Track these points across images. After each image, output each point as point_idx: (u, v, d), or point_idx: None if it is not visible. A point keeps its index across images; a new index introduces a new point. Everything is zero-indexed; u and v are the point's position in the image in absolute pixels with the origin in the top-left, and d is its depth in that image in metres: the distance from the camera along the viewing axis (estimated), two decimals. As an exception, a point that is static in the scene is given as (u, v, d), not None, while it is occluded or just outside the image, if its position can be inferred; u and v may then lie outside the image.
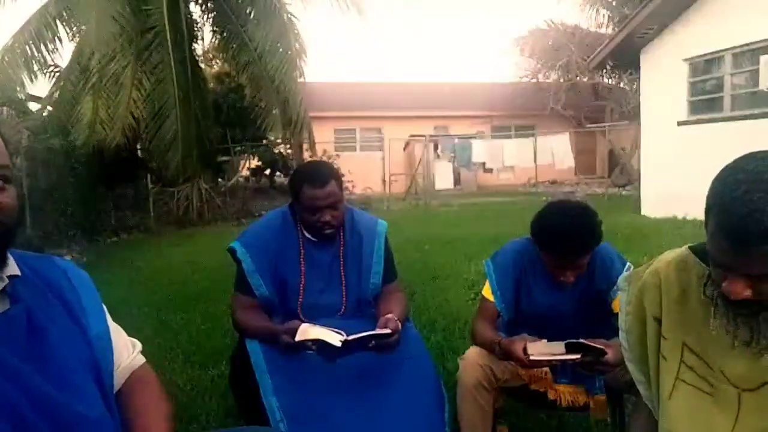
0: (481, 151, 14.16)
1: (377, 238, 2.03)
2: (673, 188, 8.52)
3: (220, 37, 11.34)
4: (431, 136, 15.82)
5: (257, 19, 10.66)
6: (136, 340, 1.20)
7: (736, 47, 8.14)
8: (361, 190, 14.13)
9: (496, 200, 13.75)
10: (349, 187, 13.16)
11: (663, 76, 9.26)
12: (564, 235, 1.74)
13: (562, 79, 18.33)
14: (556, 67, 18.13)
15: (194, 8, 11.47)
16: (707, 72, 8.80)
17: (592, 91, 18.67)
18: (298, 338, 1.68)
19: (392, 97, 19.30)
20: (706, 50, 8.52)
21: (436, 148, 16.25)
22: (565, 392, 1.91)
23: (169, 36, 9.68)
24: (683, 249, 1.19)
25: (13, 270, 0.91)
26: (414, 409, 1.73)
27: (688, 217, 8.19)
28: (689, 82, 8.95)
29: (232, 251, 1.97)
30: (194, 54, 11.46)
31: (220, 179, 13.72)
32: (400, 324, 1.78)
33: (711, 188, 0.97)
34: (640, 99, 10.28)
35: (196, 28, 11.52)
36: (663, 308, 1.16)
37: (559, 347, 1.66)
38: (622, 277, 1.30)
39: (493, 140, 15.47)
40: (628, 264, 1.91)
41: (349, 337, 1.64)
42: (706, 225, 0.98)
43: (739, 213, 0.89)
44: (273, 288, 1.93)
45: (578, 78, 17.94)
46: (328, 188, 1.87)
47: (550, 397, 1.90)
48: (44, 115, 10.77)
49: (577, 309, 1.91)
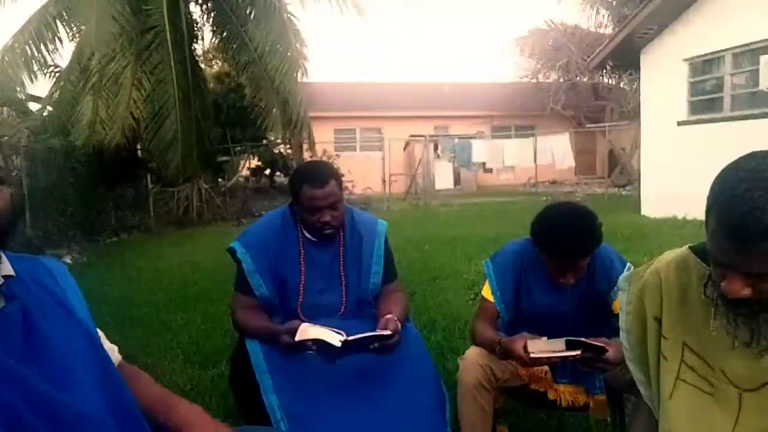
0: (481, 151, 14.16)
1: (377, 238, 2.03)
2: (673, 188, 8.52)
3: (220, 37, 11.33)
4: (431, 136, 15.82)
5: (257, 19, 10.66)
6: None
7: (736, 47, 8.14)
8: (361, 190, 14.13)
9: (496, 200, 13.76)
10: (349, 187, 13.15)
11: (663, 76, 9.26)
12: (564, 238, 1.74)
13: (562, 79, 18.33)
14: (556, 67, 18.13)
15: (194, 8, 11.50)
16: (707, 72, 8.80)
17: (592, 91, 18.67)
18: (298, 338, 1.68)
19: (392, 97, 19.30)
20: (706, 50, 8.52)
21: (436, 148, 16.24)
22: (565, 392, 1.90)
23: (169, 36, 9.68)
24: (683, 249, 1.18)
25: (7, 270, 0.92)
26: (414, 408, 1.72)
27: (688, 217, 8.19)
28: (689, 82, 8.95)
29: (232, 251, 1.97)
30: (194, 54, 11.46)
31: (220, 179, 13.72)
32: (400, 324, 1.78)
33: (712, 187, 0.97)
34: (640, 99, 10.28)
35: (196, 28, 11.52)
36: (663, 308, 1.16)
37: (560, 344, 1.66)
38: (623, 277, 1.30)
39: (493, 140, 15.47)
40: (629, 264, 1.91)
41: (349, 338, 1.64)
42: (707, 224, 0.98)
43: (740, 211, 0.89)
44: (273, 288, 1.93)
45: (578, 78, 17.94)
46: (328, 188, 1.87)
47: (550, 397, 1.90)
48: (44, 115, 10.77)
49: (577, 310, 1.91)
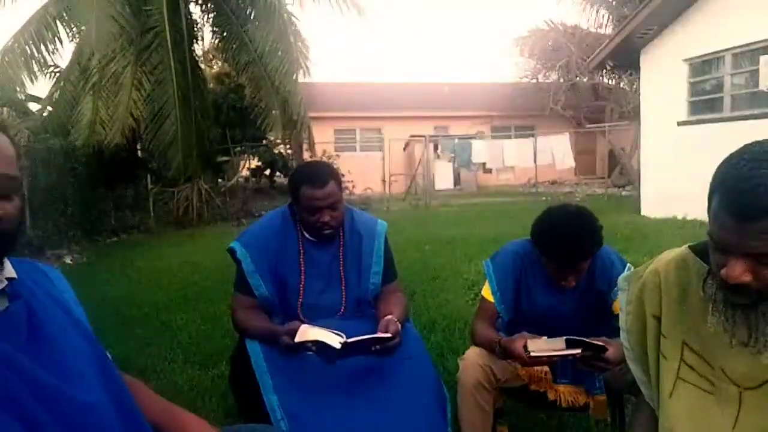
0: (481, 152, 14.14)
1: (377, 238, 2.03)
2: (673, 188, 8.52)
3: (220, 38, 11.33)
4: (431, 136, 15.80)
5: (257, 20, 10.66)
6: None
7: (736, 47, 8.13)
8: (361, 191, 14.13)
9: (496, 200, 13.76)
10: (349, 187, 13.15)
11: (663, 76, 9.26)
12: (566, 242, 1.73)
13: (561, 80, 18.30)
14: (556, 67, 18.10)
15: (194, 8, 11.49)
16: (707, 72, 8.80)
17: (592, 92, 18.64)
18: (297, 339, 1.68)
19: (392, 97, 19.30)
20: (706, 50, 8.52)
21: (436, 148, 16.24)
22: (565, 392, 1.90)
23: (169, 36, 9.68)
24: (683, 248, 1.18)
25: (9, 272, 0.95)
26: (414, 409, 1.72)
27: (688, 217, 8.19)
28: (689, 83, 8.95)
29: (232, 251, 1.97)
30: (194, 54, 11.45)
31: (220, 179, 13.72)
32: (400, 326, 1.78)
33: (716, 171, 0.98)
34: (640, 99, 10.28)
35: (196, 29, 11.52)
36: (663, 307, 1.16)
37: (560, 344, 1.66)
38: (622, 277, 1.29)
39: (493, 140, 15.45)
40: (629, 265, 1.90)
41: (349, 340, 1.64)
42: (709, 206, 0.98)
43: (744, 187, 0.90)
44: (273, 288, 1.93)
45: (578, 78, 17.91)
46: (327, 189, 1.87)
47: (550, 397, 1.90)
48: (44, 115, 10.77)
49: (578, 310, 1.91)
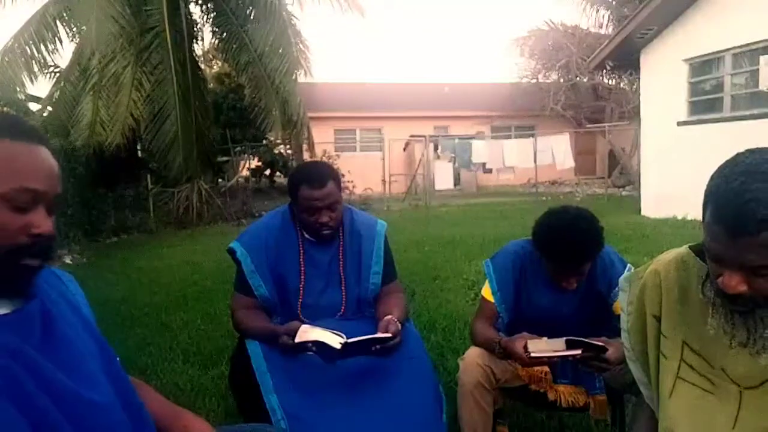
0: (481, 152, 14.14)
1: (377, 238, 2.03)
2: (673, 188, 8.52)
3: (220, 38, 11.33)
4: (431, 136, 15.80)
5: (257, 19, 10.66)
6: None
7: (736, 47, 8.14)
8: (361, 191, 14.12)
9: (496, 200, 13.75)
10: (349, 187, 13.15)
11: (663, 76, 9.26)
12: (567, 244, 1.72)
13: (562, 80, 18.30)
14: (556, 67, 18.10)
15: (194, 8, 11.49)
16: (707, 72, 8.80)
17: (592, 92, 18.64)
18: (297, 339, 1.68)
19: (392, 97, 19.30)
20: (706, 50, 8.52)
21: (436, 149, 16.23)
22: (565, 392, 1.90)
23: (169, 36, 9.68)
24: (683, 249, 1.18)
25: None
26: (413, 409, 1.72)
27: (688, 217, 8.19)
28: (689, 83, 8.95)
29: (232, 252, 1.96)
30: (194, 54, 11.45)
31: (220, 179, 13.72)
32: (400, 326, 1.78)
33: (709, 181, 0.98)
34: (640, 99, 10.28)
35: (196, 29, 11.52)
36: (663, 307, 1.16)
37: (560, 344, 1.66)
38: (623, 277, 1.29)
39: (493, 140, 15.44)
40: (629, 265, 1.90)
41: (349, 340, 1.64)
42: (704, 217, 0.98)
43: (736, 202, 0.90)
44: (273, 288, 1.93)
45: (578, 78, 17.91)
46: (326, 189, 1.86)
47: (550, 397, 1.90)
48: (44, 115, 10.76)
49: (578, 311, 1.91)
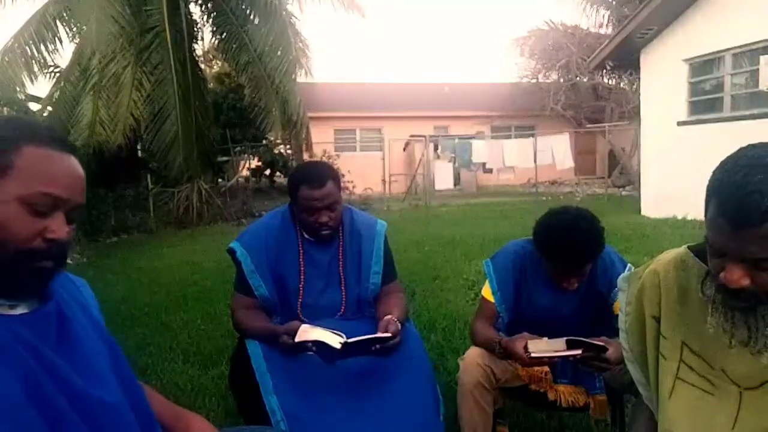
0: (481, 152, 14.13)
1: (377, 238, 2.02)
2: (673, 188, 8.52)
3: (220, 38, 11.33)
4: (431, 136, 15.80)
5: (257, 19, 10.66)
6: None
7: (736, 47, 8.13)
8: (361, 191, 14.12)
9: (496, 200, 13.75)
10: (349, 187, 13.15)
11: (663, 76, 9.26)
12: (568, 245, 1.72)
13: (562, 80, 18.30)
14: (556, 67, 18.10)
15: (194, 8, 11.49)
16: (707, 72, 8.80)
17: (592, 92, 18.63)
18: (298, 339, 1.68)
19: (392, 97, 19.30)
20: (706, 50, 8.52)
21: (436, 148, 16.23)
22: (565, 392, 1.90)
23: (169, 36, 9.68)
24: (682, 249, 1.18)
25: None
26: (413, 409, 1.72)
27: (688, 217, 8.19)
28: (689, 83, 8.95)
29: (232, 252, 1.96)
30: (194, 54, 11.45)
31: (220, 179, 13.72)
32: (400, 325, 1.78)
33: (711, 176, 0.98)
34: (640, 99, 10.28)
35: (196, 29, 11.52)
36: (662, 308, 1.16)
37: (560, 344, 1.66)
38: (622, 277, 1.29)
39: (493, 140, 15.43)
40: (629, 265, 1.90)
41: (349, 340, 1.64)
42: (706, 211, 0.98)
43: (739, 194, 0.90)
44: (273, 288, 1.92)
45: (578, 78, 17.90)
46: (326, 189, 1.86)
47: (550, 397, 1.90)
48: (44, 115, 10.76)
49: (578, 311, 1.91)
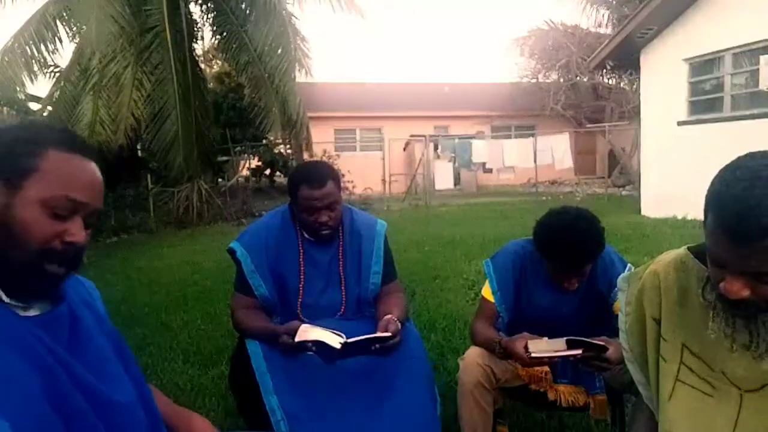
0: (481, 151, 14.13)
1: (377, 238, 2.03)
2: (673, 188, 8.52)
3: (219, 37, 11.33)
4: (431, 136, 15.80)
5: (257, 19, 10.66)
6: None
7: (736, 47, 8.13)
8: (361, 191, 14.12)
9: (496, 200, 13.74)
10: (349, 187, 13.15)
11: (663, 76, 9.25)
12: (568, 245, 1.72)
13: (562, 79, 18.29)
14: (556, 67, 18.09)
15: (194, 8, 11.49)
16: (707, 72, 8.80)
17: (592, 91, 18.63)
18: (297, 339, 1.68)
19: (392, 97, 19.30)
20: (706, 50, 8.52)
21: (436, 148, 16.23)
22: (565, 392, 1.90)
23: (169, 36, 9.67)
24: (682, 250, 1.17)
25: None
26: (412, 409, 1.72)
27: (688, 217, 8.19)
28: (689, 82, 8.95)
29: (232, 252, 1.96)
30: (194, 54, 11.44)
31: (220, 179, 13.71)
32: (400, 325, 1.78)
33: (710, 186, 0.97)
34: (640, 99, 10.28)
35: (196, 28, 11.52)
36: (662, 310, 1.15)
37: (561, 344, 1.66)
38: (622, 277, 1.28)
39: (493, 140, 15.43)
40: (629, 265, 1.90)
41: (349, 340, 1.64)
42: (705, 223, 0.97)
43: (738, 208, 0.88)
44: (273, 288, 1.92)
45: (578, 78, 17.90)
46: (326, 189, 1.86)
47: (550, 397, 1.90)
48: (44, 115, 10.76)
49: (578, 311, 1.91)
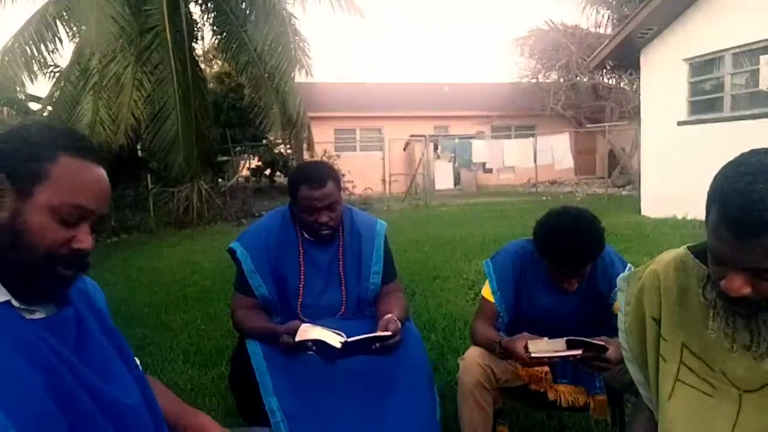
0: (481, 151, 14.14)
1: (377, 238, 2.03)
2: (673, 188, 8.52)
3: (219, 37, 11.33)
4: (431, 136, 15.80)
5: (257, 19, 10.66)
6: None
7: (736, 47, 8.13)
8: (361, 191, 14.12)
9: (496, 200, 13.74)
10: (349, 187, 13.14)
11: (663, 76, 9.25)
12: (568, 246, 1.72)
13: (562, 79, 18.29)
14: (556, 67, 18.10)
15: (194, 8, 11.49)
16: (707, 72, 8.79)
17: (592, 91, 18.63)
18: (298, 338, 1.68)
19: (392, 97, 19.30)
20: (706, 50, 8.51)
21: (436, 148, 16.23)
22: (565, 392, 1.90)
23: (169, 36, 9.68)
24: (682, 249, 1.17)
25: None
26: (411, 410, 1.73)
27: (688, 217, 8.19)
28: (689, 82, 8.95)
29: (232, 252, 1.96)
30: (194, 54, 11.45)
31: (220, 179, 13.71)
32: (400, 324, 1.78)
33: (713, 182, 0.96)
34: (640, 99, 10.28)
35: (196, 29, 11.53)
36: (662, 309, 1.15)
37: (561, 344, 1.66)
38: (621, 276, 1.28)
39: (493, 140, 15.44)
40: (629, 265, 1.90)
41: (350, 339, 1.64)
42: (707, 219, 0.96)
43: (741, 203, 0.88)
44: (273, 288, 1.93)
45: (578, 78, 17.90)
46: (326, 189, 1.86)
47: (550, 397, 1.90)
48: (44, 115, 10.76)
49: (579, 311, 1.90)
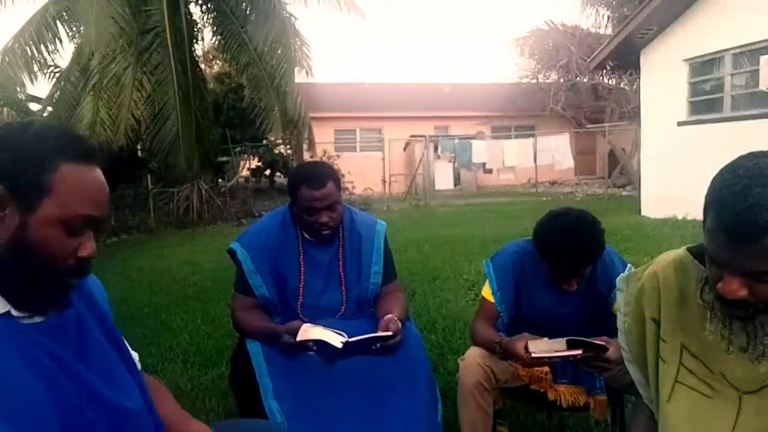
0: (481, 152, 14.15)
1: (377, 238, 2.03)
2: (673, 188, 8.52)
3: (220, 38, 11.34)
4: (431, 136, 15.81)
5: (257, 20, 10.66)
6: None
7: (736, 47, 8.13)
8: (361, 191, 14.13)
9: (496, 201, 13.75)
10: (349, 187, 13.14)
11: (663, 76, 9.26)
12: (568, 248, 1.71)
13: (562, 80, 18.30)
14: (556, 67, 18.11)
15: (194, 9, 11.49)
16: (707, 72, 8.80)
17: (592, 92, 18.63)
18: (299, 338, 1.68)
19: (392, 97, 19.30)
20: (706, 50, 8.52)
21: (436, 149, 16.23)
22: (565, 392, 1.90)
23: (170, 37, 9.69)
24: (681, 250, 1.17)
25: None
26: (412, 410, 1.73)
27: (688, 217, 8.19)
28: (689, 83, 8.95)
29: (232, 252, 1.96)
30: (194, 55, 11.45)
31: (220, 179, 13.72)
32: (400, 324, 1.78)
33: (710, 185, 0.96)
34: (640, 99, 10.28)
35: (196, 29, 11.52)
36: (661, 310, 1.15)
37: (561, 344, 1.66)
38: (621, 277, 1.28)
39: (493, 140, 15.46)
40: (629, 266, 1.90)
41: (350, 339, 1.64)
42: (705, 222, 0.97)
43: (738, 207, 0.88)
44: (273, 288, 1.92)
45: (578, 78, 17.90)
46: (326, 189, 1.86)
47: (550, 397, 1.90)
48: (44, 115, 10.76)
49: (578, 311, 1.90)
